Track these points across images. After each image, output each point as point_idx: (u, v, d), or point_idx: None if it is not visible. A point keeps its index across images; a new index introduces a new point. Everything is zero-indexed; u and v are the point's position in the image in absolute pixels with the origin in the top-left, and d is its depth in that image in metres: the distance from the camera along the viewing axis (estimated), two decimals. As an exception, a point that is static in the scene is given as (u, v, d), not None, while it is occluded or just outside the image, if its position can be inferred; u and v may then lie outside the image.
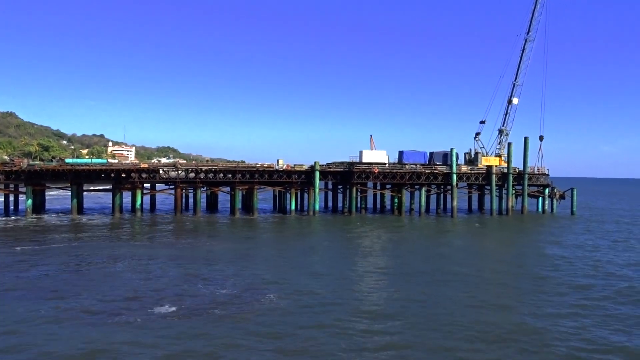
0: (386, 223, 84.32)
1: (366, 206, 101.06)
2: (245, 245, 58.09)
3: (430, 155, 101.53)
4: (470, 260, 47.05)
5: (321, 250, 53.89)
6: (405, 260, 47.09)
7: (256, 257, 49.73)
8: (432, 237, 66.45)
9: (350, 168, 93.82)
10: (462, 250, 54.87)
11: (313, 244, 58.80)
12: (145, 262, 46.04)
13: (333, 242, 60.37)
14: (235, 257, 49.48)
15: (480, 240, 63.92)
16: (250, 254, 51.93)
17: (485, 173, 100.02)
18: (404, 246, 56.81)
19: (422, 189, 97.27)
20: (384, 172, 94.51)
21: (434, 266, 44.01)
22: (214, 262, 46.74)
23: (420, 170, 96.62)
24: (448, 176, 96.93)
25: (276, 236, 66.45)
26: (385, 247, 56.71)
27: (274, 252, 52.88)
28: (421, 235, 69.60)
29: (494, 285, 37.05)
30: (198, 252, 52.24)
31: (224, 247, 55.87)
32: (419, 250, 54.20)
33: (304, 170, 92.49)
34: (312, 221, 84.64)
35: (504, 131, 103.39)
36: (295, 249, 54.77)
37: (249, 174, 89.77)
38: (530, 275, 41.79)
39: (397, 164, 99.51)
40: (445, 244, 58.75)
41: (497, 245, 59.64)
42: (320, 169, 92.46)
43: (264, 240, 62.03)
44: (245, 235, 66.55)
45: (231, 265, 45.45)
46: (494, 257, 49.99)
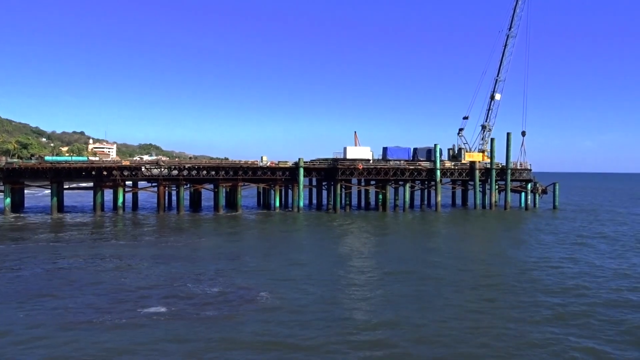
0: (371, 219, 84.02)
1: (351, 203, 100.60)
2: (231, 242, 57.59)
3: (414, 151, 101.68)
4: (450, 261, 46.42)
5: (307, 248, 53.54)
6: (387, 259, 46.87)
7: (243, 255, 49.20)
8: (415, 234, 66.47)
9: (335, 164, 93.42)
10: (444, 248, 54.69)
11: (298, 241, 58.36)
12: (129, 262, 45.42)
13: (317, 240, 59.86)
14: (221, 255, 49.03)
15: (463, 237, 63.64)
16: (236, 252, 51.46)
17: (469, 169, 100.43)
18: (386, 244, 56.60)
19: (406, 185, 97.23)
20: (368, 169, 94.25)
21: (414, 266, 43.86)
22: (200, 261, 46.33)
23: (404, 167, 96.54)
24: (432, 172, 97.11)
25: (261, 233, 65.91)
26: (369, 244, 56.54)
27: (260, 250, 52.30)
28: (404, 231, 69.40)
29: (472, 288, 36.46)
30: (183, 251, 51.75)
31: (210, 245, 55.44)
32: (401, 248, 53.83)
33: (288, 167, 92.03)
34: (297, 218, 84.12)
35: (487, 127, 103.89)
36: (281, 247, 54.23)
37: (233, 171, 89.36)
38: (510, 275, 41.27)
39: (382, 160, 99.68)
40: (428, 241, 58.88)
41: (479, 243, 59.60)
42: (304, 165, 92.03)
43: (249, 238, 61.50)
44: (230, 233, 66.14)
45: (218, 264, 45.01)
46: (474, 256, 49.57)
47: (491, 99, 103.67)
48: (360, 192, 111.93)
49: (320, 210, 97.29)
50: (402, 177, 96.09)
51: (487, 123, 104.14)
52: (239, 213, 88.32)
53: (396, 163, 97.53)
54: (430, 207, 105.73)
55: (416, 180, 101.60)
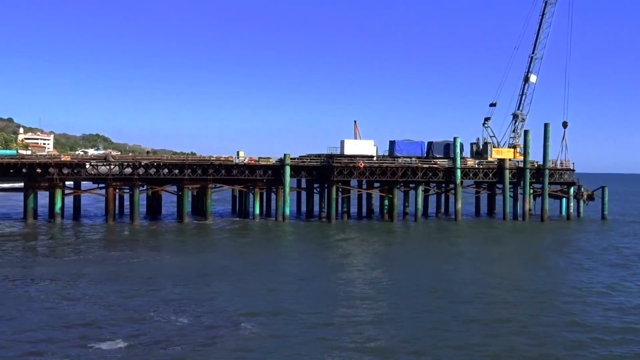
0: (374, 232, 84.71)
1: (349, 210, 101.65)
2: (200, 260, 57.87)
3: (429, 146, 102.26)
4: (476, 289, 45.00)
5: (293, 269, 53.57)
6: (396, 292, 44.29)
7: (214, 277, 49.50)
8: (430, 253, 66.11)
9: (329, 162, 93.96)
10: (467, 271, 53.79)
11: (282, 260, 58.57)
12: (71, 285, 45.09)
13: (306, 259, 59.85)
14: (188, 276, 49.28)
15: (494, 260, 62.43)
16: (206, 272, 51.79)
17: (497, 168, 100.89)
18: (394, 267, 55.73)
19: (419, 188, 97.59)
20: (372, 167, 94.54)
21: (431, 298, 42.09)
22: (162, 283, 46.39)
23: (417, 165, 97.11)
24: (451, 172, 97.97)
25: (236, 249, 66.38)
26: (371, 266, 56.09)
27: (235, 270, 52.59)
28: (417, 249, 69.25)
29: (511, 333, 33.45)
30: (140, 270, 51.89)
31: (173, 263, 55.74)
32: (413, 272, 52.80)
33: (271, 164, 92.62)
34: (281, 229, 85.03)
35: (519, 116, 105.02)
36: (261, 266, 54.46)
37: (202, 170, 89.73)
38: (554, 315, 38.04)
39: (388, 157, 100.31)
40: (448, 264, 57.76)
41: (511, 266, 58.26)
42: (291, 163, 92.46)
43: (221, 255, 61.76)
44: (198, 247, 66.76)
45: (184, 287, 45.18)
46: (506, 284, 47.35)
47: (525, 82, 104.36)
48: (361, 197, 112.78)
49: (310, 220, 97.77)
50: (414, 178, 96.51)
51: (520, 111, 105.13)
52: (208, 222, 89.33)
53: (406, 161, 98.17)
54: (449, 215, 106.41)
55: (431, 183, 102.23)
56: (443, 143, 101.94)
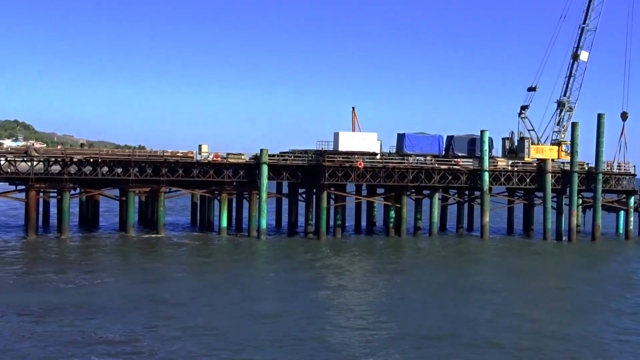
0: (376, 252, 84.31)
1: (344, 223, 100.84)
2: (147, 285, 57.68)
3: (449, 141, 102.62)
4: (509, 340, 44.03)
5: (264, 303, 52.90)
6: (401, 346, 42.16)
7: (166, 306, 49.48)
8: (449, 285, 64.85)
9: (319, 160, 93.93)
10: (497, 316, 51.80)
11: (251, 290, 58.25)
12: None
13: (284, 291, 58.88)
14: (136, 306, 49.23)
15: (528, 294, 61.42)
16: (157, 299, 51.68)
17: (536, 171, 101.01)
18: (400, 306, 54.07)
19: (435, 196, 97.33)
20: (374, 168, 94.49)
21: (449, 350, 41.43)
22: (102, 315, 46.21)
23: (432, 166, 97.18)
24: (476, 175, 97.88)
25: (194, 272, 66.23)
26: (370, 303, 55.05)
27: (193, 299, 52.61)
28: (431, 279, 68.15)
29: None
30: (73, 297, 51.61)
31: (116, 289, 55.79)
32: (425, 317, 50.71)
33: (244, 163, 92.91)
34: (255, 248, 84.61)
35: (566, 104, 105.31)
36: (226, 297, 54.34)
37: (152, 168, 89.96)
38: None
39: (395, 155, 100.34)
40: (469, 301, 56.57)
41: (558, 310, 55.55)
42: (270, 161, 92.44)
43: (175, 279, 61.54)
44: (145, 269, 66.64)
45: (132, 319, 45.18)
46: (551, 336, 45.86)
47: (573, 60, 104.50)
48: (359, 206, 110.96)
49: (294, 235, 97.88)
50: (428, 182, 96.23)
51: (567, 98, 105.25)
52: (160, 236, 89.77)
53: (419, 160, 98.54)
54: (473, 232, 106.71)
55: (450, 189, 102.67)
56: (467, 138, 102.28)
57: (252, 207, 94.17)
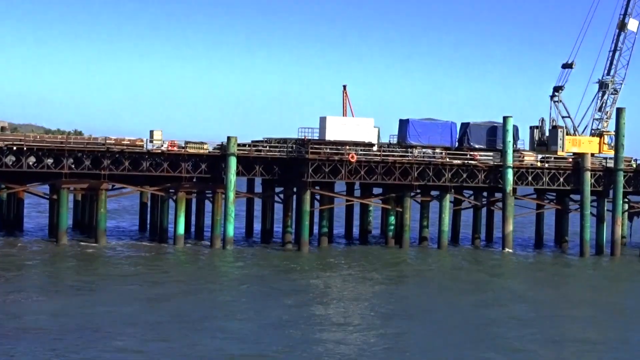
0: (370, 268, 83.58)
1: (331, 230, 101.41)
2: (76, 312, 56.49)
3: (464, 129, 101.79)
4: None
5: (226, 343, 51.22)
6: None
7: (105, 334, 49.07)
8: (462, 317, 62.76)
9: (301, 152, 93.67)
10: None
11: (211, 323, 56.62)
12: None
13: (254, 323, 57.39)
14: (65, 330, 48.85)
15: (564, 334, 58.87)
16: (94, 322, 51.64)
17: (572, 168, 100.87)
18: (401, 350, 52.08)
19: (446, 198, 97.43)
20: (370, 163, 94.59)
21: None
22: (28, 342, 45.88)
23: (443, 160, 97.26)
24: (497, 173, 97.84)
25: (143, 292, 65.91)
26: (359, 345, 52.88)
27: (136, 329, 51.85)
28: (440, 306, 66.44)
29: None
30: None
31: (48, 310, 55.31)
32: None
33: (206, 154, 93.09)
34: (219, 261, 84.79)
35: (610, 86, 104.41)
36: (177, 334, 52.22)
37: (92, 159, 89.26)
38: None
39: (397, 147, 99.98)
40: (490, 345, 54.30)
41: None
42: (239, 152, 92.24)
43: (112, 303, 60.35)
44: (80, 286, 66.20)
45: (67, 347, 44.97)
46: None
47: (619, 30, 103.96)
48: (351, 210, 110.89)
49: (269, 246, 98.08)
50: (438, 181, 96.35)
51: (611, 78, 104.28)
52: (100, 245, 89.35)
53: (426, 153, 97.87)
54: (492, 243, 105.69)
55: (465, 189, 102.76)
56: (486, 126, 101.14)
57: (217, 210, 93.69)
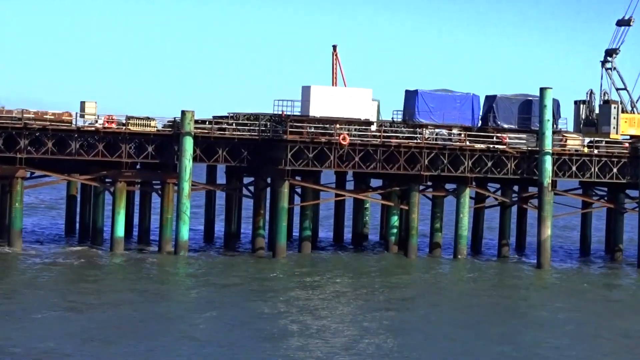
0: (365, 284, 76.90)
1: (316, 232, 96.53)
2: None
3: (489, 105, 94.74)
4: None
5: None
6: None
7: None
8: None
9: (277, 131, 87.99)
10: None
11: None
12: None
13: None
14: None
15: None
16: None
17: (629, 155, 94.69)
18: None
19: (465, 193, 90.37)
20: (367, 146, 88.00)
21: None
22: None
23: (461, 144, 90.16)
24: (532, 161, 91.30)
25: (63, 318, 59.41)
26: None
27: None
28: (457, 344, 58.86)
29: None
30: None
31: None
32: None
33: (153, 132, 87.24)
34: (170, 275, 79.10)
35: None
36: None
37: (4, 139, 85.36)
38: None
39: (402, 126, 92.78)
40: None
41: None
42: (197, 131, 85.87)
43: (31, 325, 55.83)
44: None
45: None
46: None
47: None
48: (341, 207, 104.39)
49: (235, 252, 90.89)
50: (455, 171, 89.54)
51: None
52: (13, 250, 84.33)
53: (440, 134, 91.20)
54: (525, 253, 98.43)
55: (490, 182, 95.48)
56: (517, 100, 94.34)
57: (167, 206, 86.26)
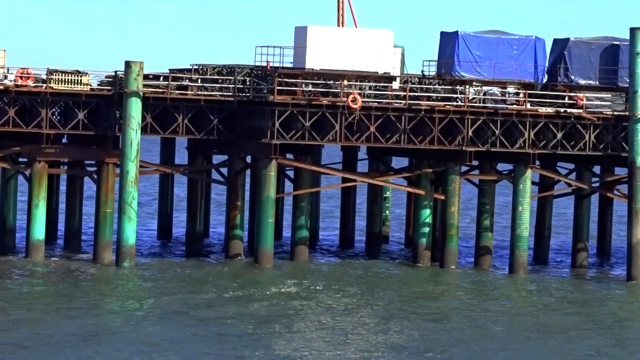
0: (384, 310, 65.11)
1: (315, 231, 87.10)
2: None
3: (559, 52, 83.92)
4: None
5: None
6: None
7: None
8: None
9: (260, 91, 78.47)
10: None
11: None
12: None
13: None
14: None
15: None
16: None
17: None
18: None
19: (525, 177, 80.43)
20: (387, 111, 77.16)
21: None
22: None
23: (520, 108, 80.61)
24: (619, 131, 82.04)
25: None
26: None
27: None
28: None
29: None
30: None
31: None
32: None
33: (87, 92, 78.34)
34: (108, 291, 69.75)
35: None
36: None
37: None
38: None
39: (436, 82, 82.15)
40: None
41: None
42: (148, 90, 76.44)
43: None
44: None
45: None
46: None
47: None
48: (351, 195, 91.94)
49: (201, 258, 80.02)
50: (510, 146, 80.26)
51: None
52: None
53: (490, 93, 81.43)
54: (609, 262, 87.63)
55: (561, 161, 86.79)
56: (598, 45, 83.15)
57: (105, 197, 74.91)
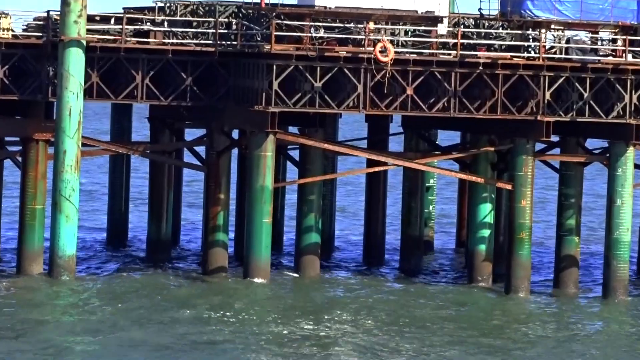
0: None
1: (329, 235, 76.49)
2: None
3: None
4: None
5: None
6: None
7: None
8: None
9: (251, 38, 71.70)
10: None
11: None
12: None
13: None
14: None
15: None
16: None
17: None
18: None
19: (625, 158, 74.70)
20: (430, 66, 72.55)
21: None
22: None
23: (616, 60, 73.89)
24: None
25: None
26: None
27: None
28: None
29: None
30: None
31: None
32: None
33: (9, 41, 71.62)
34: (39, 317, 64.58)
35: None
36: None
37: None
38: None
39: (499, 24, 76.78)
40: None
41: None
42: (93, 37, 70.95)
43: None
44: None
45: None
46: None
47: None
48: (379, 184, 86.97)
49: (170, 273, 75.34)
50: (604, 116, 77.67)
51: None
52: None
53: (573, 40, 75.12)
54: None
55: None
56: None
57: (33, 187, 66.76)
